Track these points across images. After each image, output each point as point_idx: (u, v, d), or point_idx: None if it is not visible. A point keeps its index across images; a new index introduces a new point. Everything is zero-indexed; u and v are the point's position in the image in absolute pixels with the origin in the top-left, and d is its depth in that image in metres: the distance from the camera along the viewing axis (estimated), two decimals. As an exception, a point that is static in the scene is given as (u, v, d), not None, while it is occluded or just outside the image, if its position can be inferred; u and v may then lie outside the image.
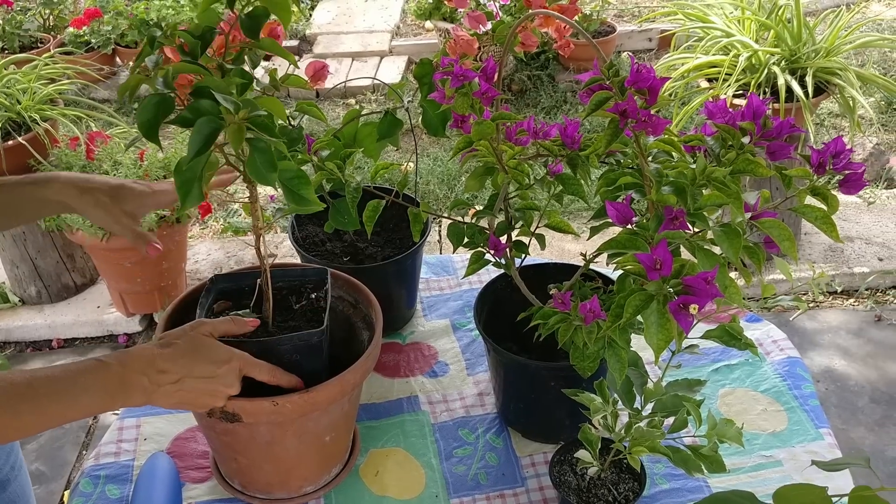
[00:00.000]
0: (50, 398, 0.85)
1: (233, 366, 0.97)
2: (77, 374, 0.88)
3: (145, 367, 0.92)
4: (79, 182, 1.08)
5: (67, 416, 0.88)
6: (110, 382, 0.89)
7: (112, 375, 0.90)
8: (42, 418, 0.86)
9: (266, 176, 0.79)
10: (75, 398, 0.87)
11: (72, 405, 0.87)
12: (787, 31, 2.73)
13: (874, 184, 3.46)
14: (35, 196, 1.08)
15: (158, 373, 0.92)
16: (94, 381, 0.89)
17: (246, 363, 0.99)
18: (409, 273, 1.46)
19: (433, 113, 1.21)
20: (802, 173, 0.90)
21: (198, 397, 0.96)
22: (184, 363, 0.94)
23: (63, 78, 2.99)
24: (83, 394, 0.87)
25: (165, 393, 0.93)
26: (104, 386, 0.89)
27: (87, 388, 0.88)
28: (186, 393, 0.94)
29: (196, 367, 0.94)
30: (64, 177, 1.08)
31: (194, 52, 0.82)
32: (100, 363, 0.90)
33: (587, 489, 1.07)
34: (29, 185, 1.08)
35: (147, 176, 2.62)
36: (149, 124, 0.80)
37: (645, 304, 0.78)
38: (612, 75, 0.79)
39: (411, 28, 5.12)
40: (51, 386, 0.86)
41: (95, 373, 0.89)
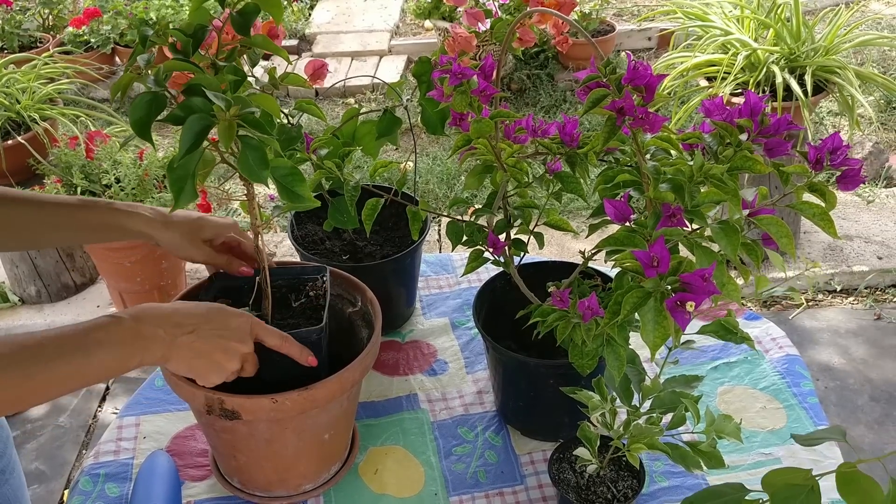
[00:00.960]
0: (63, 357, 0.82)
1: (244, 322, 0.97)
2: (89, 330, 0.85)
3: (160, 320, 0.91)
4: (160, 218, 1.11)
5: (83, 375, 0.85)
6: (126, 337, 0.87)
7: (126, 329, 0.88)
8: (56, 379, 0.82)
9: (258, 173, 0.79)
10: (89, 355, 0.84)
11: (86, 363, 0.84)
12: (787, 29, 2.73)
13: (873, 182, 3.46)
14: (116, 224, 1.09)
15: (174, 325, 0.91)
16: (107, 336, 0.86)
17: (256, 324, 0.99)
18: (409, 271, 1.46)
19: (432, 111, 1.21)
20: (800, 170, 0.90)
21: (214, 352, 0.94)
22: (198, 315, 0.94)
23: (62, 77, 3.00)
24: (97, 349, 0.84)
25: (181, 346, 0.92)
26: (120, 340, 0.87)
27: (101, 342, 0.85)
28: (203, 344, 0.93)
29: (210, 320, 0.94)
30: (147, 210, 1.10)
31: (186, 50, 0.82)
32: (113, 318, 0.88)
33: (586, 487, 1.07)
34: (113, 212, 1.09)
35: (147, 175, 2.63)
36: (141, 122, 0.80)
37: (642, 301, 0.78)
38: (609, 73, 0.79)
39: (411, 27, 5.11)
40: (62, 344, 0.83)
41: (108, 328, 0.87)
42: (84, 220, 1.09)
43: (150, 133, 0.82)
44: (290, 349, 1.01)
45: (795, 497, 0.79)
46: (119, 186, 2.59)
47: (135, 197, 2.61)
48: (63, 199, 1.09)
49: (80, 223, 1.09)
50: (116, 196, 2.59)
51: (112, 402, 2.66)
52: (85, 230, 1.12)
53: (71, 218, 1.08)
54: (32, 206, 1.07)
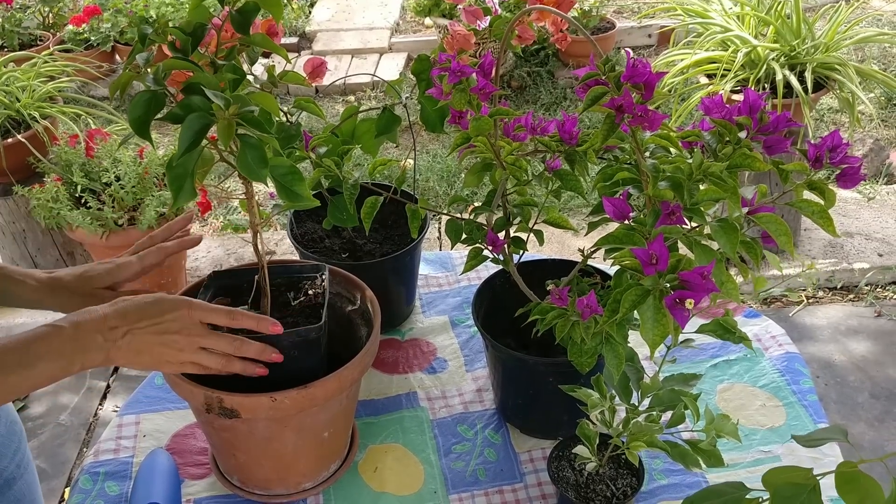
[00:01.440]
0: (6, 370, 0.85)
1: (181, 313, 0.95)
2: (30, 342, 0.88)
3: (98, 325, 0.91)
4: (47, 282, 1.09)
5: (27, 384, 0.88)
6: (65, 345, 0.89)
7: (66, 338, 0.89)
8: (2, 390, 0.86)
9: (257, 172, 0.79)
10: (31, 366, 0.87)
11: (29, 374, 0.87)
12: (787, 26, 2.72)
13: (874, 179, 3.46)
14: (9, 291, 1.09)
15: (110, 329, 0.92)
16: (48, 347, 0.88)
17: (196, 308, 0.96)
18: (408, 269, 1.46)
19: (431, 109, 1.21)
20: (800, 168, 0.90)
21: (153, 347, 0.94)
22: (132, 315, 0.94)
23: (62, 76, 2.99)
24: (38, 361, 0.87)
25: (120, 349, 0.93)
26: (59, 350, 0.89)
27: (41, 355, 0.88)
28: (140, 342, 0.93)
29: (144, 317, 0.94)
30: (35, 278, 1.09)
31: (186, 48, 0.82)
32: (52, 327, 0.90)
33: (585, 485, 1.07)
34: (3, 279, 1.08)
35: (147, 173, 2.63)
36: (140, 121, 0.80)
37: (641, 299, 0.78)
38: (609, 70, 0.79)
39: (411, 25, 5.11)
40: (4, 357, 0.86)
41: (48, 338, 0.89)
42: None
43: (149, 132, 0.82)
44: (244, 321, 0.98)
45: (797, 497, 0.79)
46: (119, 185, 2.59)
47: (135, 195, 2.61)
48: None
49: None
50: (117, 194, 2.59)
51: (113, 400, 2.66)
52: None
53: None
54: None
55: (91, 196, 2.61)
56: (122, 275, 1.12)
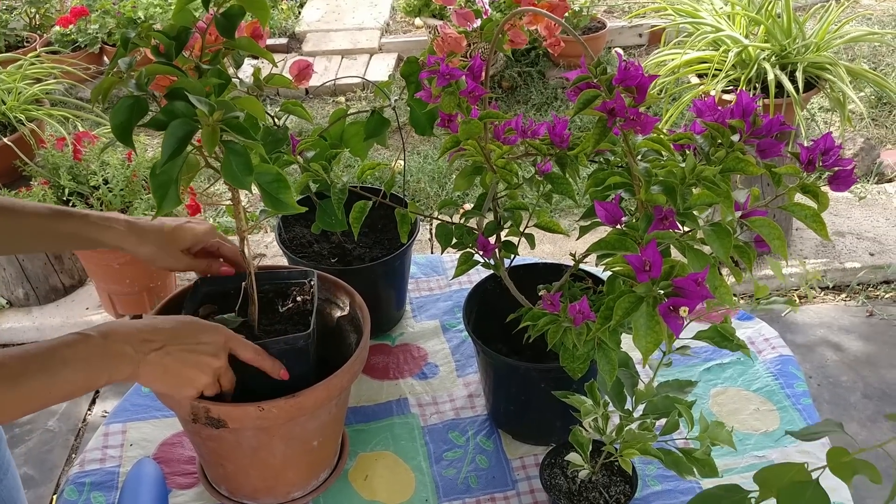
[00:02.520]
0: (28, 375, 0.81)
1: (217, 337, 0.96)
2: (56, 348, 0.84)
3: (128, 337, 0.90)
4: (136, 230, 1.09)
5: (50, 393, 0.83)
6: (93, 354, 0.86)
7: (94, 347, 0.87)
8: (22, 397, 0.81)
9: (241, 179, 0.77)
10: (55, 373, 0.83)
11: (52, 381, 0.83)
12: (777, 26, 2.72)
13: (865, 179, 3.46)
14: (90, 236, 1.08)
15: (142, 342, 0.90)
16: (74, 354, 0.85)
17: (231, 338, 0.97)
18: (398, 274, 1.44)
19: (420, 112, 1.20)
20: (792, 171, 0.89)
21: (183, 368, 0.93)
22: (168, 331, 0.93)
23: (49, 78, 2.97)
24: (62, 368, 0.83)
25: (150, 363, 0.91)
26: (87, 358, 0.86)
27: (66, 361, 0.84)
28: (172, 361, 0.92)
29: (181, 336, 0.93)
30: (122, 224, 1.09)
31: (169, 53, 0.80)
32: (80, 335, 0.87)
33: (578, 492, 1.06)
34: (88, 225, 1.07)
35: (135, 176, 2.60)
36: (122, 127, 0.79)
37: (634, 307, 0.77)
38: (600, 73, 0.77)
39: (401, 25, 5.09)
40: (28, 362, 0.82)
41: (76, 346, 0.85)
42: (58, 230, 1.07)
43: (131, 138, 0.80)
44: (263, 363, 1.00)
45: (802, 494, 0.78)
46: (107, 188, 2.56)
47: (123, 198, 2.59)
48: (38, 208, 1.07)
49: (54, 233, 1.08)
50: (105, 198, 2.57)
51: (102, 405, 2.64)
52: (59, 240, 1.11)
53: (45, 228, 1.07)
54: (6, 214, 1.05)
55: (79, 199, 2.59)
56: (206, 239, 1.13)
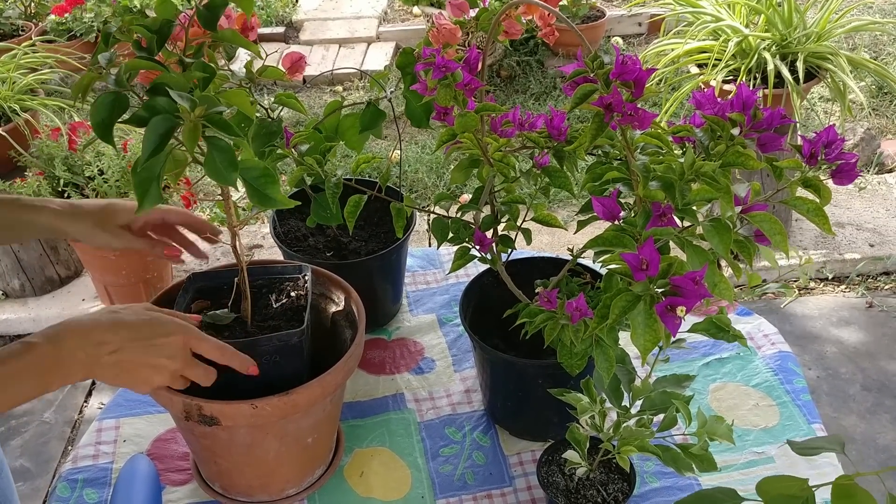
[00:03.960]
0: None
1: (176, 339, 0.92)
2: (2, 361, 0.82)
3: (81, 341, 0.87)
4: (69, 209, 1.08)
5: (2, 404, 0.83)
6: (42, 364, 0.84)
7: (43, 357, 0.84)
8: None
9: (225, 176, 0.75)
10: (3, 388, 0.81)
11: (2, 395, 0.82)
12: (778, 15, 2.69)
13: (865, 169, 3.44)
14: (24, 219, 1.07)
15: (96, 345, 0.88)
16: (22, 367, 0.83)
17: (192, 337, 0.94)
18: (395, 268, 1.43)
19: (416, 104, 1.18)
20: (794, 164, 0.87)
21: (138, 369, 0.91)
22: (124, 333, 0.89)
23: (44, 67, 2.94)
24: (11, 383, 0.82)
25: (104, 366, 0.89)
26: (36, 369, 0.84)
27: (13, 376, 0.82)
28: (126, 363, 0.90)
29: (136, 338, 0.90)
30: (56, 203, 1.07)
31: (151, 47, 0.78)
32: (25, 344, 0.84)
33: (576, 490, 1.05)
34: (19, 209, 1.06)
35: (130, 166, 2.58)
36: (103, 124, 0.77)
37: (631, 305, 0.76)
38: (597, 67, 0.75)
39: (399, 14, 5.05)
40: None
41: (22, 357, 0.83)
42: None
43: (111, 135, 0.79)
44: (231, 359, 0.96)
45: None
46: (103, 178, 2.54)
47: (119, 189, 2.57)
48: None
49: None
50: (100, 188, 2.55)
51: (98, 397, 2.63)
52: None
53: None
54: None
55: (74, 190, 2.57)
56: (143, 221, 1.11)
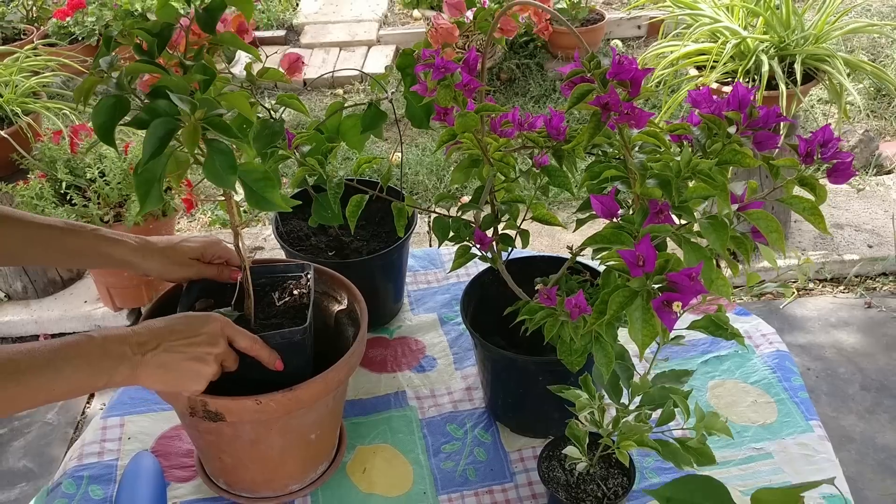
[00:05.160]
0: (33, 371, 0.85)
1: (213, 326, 0.97)
2: (60, 346, 0.88)
3: (124, 339, 0.92)
4: (142, 245, 1.12)
5: (53, 389, 0.87)
6: (94, 354, 0.90)
7: (95, 347, 0.90)
8: (26, 392, 0.85)
9: (225, 178, 0.77)
10: (59, 369, 0.87)
11: (55, 377, 0.87)
12: (776, 17, 2.71)
13: (864, 171, 3.45)
14: (101, 251, 1.10)
15: (138, 344, 0.92)
16: (76, 352, 0.89)
17: (227, 324, 0.99)
18: (396, 267, 1.44)
19: (416, 105, 1.19)
20: (790, 163, 0.88)
21: (183, 362, 0.94)
22: (162, 331, 0.95)
23: (46, 70, 2.95)
24: (65, 365, 0.87)
25: (148, 363, 0.93)
26: (87, 356, 0.89)
27: (69, 358, 0.88)
28: (170, 357, 0.94)
29: (174, 332, 0.95)
30: (132, 239, 1.12)
31: (152, 50, 0.80)
32: (83, 335, 0.91)
33: (576, 485, 1.06)
34: (99, 240, 1.10)
35: (132, 169, 2.59)
36: (104, 127, 0.78)
37: (629, 301, 0.77)
38: (594, 67, 0.77)
39: (399, 17, 5.07)
40: (33, 358, 0.86)
41: (77, 344, 0.89)
42: (70, 244, 1.10)
43: (113, 138, 0.80)
44: (260, 352, 1.01)
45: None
46: (104, 181, 2.56)
47: (120, 191, 2.58)
48: (50, 222, 1.09)
49: (66, 247, 1.10)
50: (102, 191, 2.56)
51: (100, 399, 2.64)
52: (70, 254, 1.12)
53: (57, 241, 1.09)
54: (20, 226, 1.08)
55: (76, 193, 2.58)
56: (210, 251, 1.15)
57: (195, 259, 1.14)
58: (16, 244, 1.08)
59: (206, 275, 1.14)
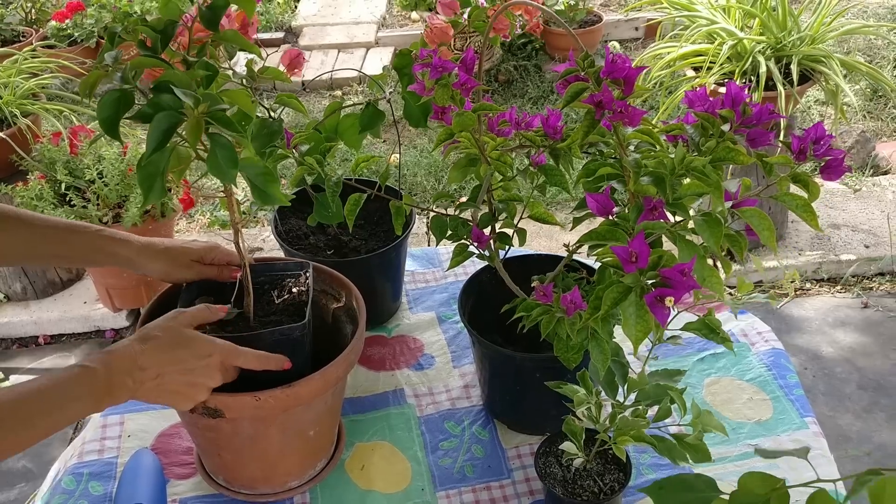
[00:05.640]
0: (42, 413, 0.86)
1: (214, 360, 0.97)
2: (65, 384, 0.88)
3: (129, 367, 0.92)
4: (147, 246, 1.13)
5: (59, 425, 0.88)
6: (97, 388, 0.90)
7: (99, 380, 0.90)
8: (35, 433, 0.86)
9: (226, 172, 0.78)
10: (64, 409, 0.87)
11: (62, 416, 0.88)
12: (772, 18, 2.72)
13: (860, 171, 3.47)
14: (106, 249, 1.11)
15: (140, 370, 0.93)
16: (82, 390, 0.89)
17: (229, 354, 0.99)
18: (394, 265, 1.45)
19: (414, 105, 1.20)
20: (783, 160, 0.90)
21: (179, 389, 0.96)
22: (164, 358, 0.95)
23: (45, 72, 2.96)
24: (73, 403, 0.88)
25: (148, 390, 0.94)
26: (91, 392, 0.90)
27: (77, 397, 0.88)
28: (168, 386, 0.95)
29: (176, 362, 0.95)
30: (137, 240, 1.12)
31: (156, 46, 0.81)
32: (86, 370, 0.90)
33: (573, 480, 1.07)
34: (104, 239, 1.10)
35: (130, 170, 2.60)
36: (109, 121, 0.79)
37: (623, 297, 0.78)
38: (588, 66, 0.78)
39: (397, 19, 5.09)
40: (41, 401, 0.86)
41: (82, 381, 0.89)
42: (73, 242, 1.10)
43: (118, 131, 0.81)
44: (268, 364, 1.01)
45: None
46: (102, 182, 2.57)
47: (119, 192, 2.59)
48: (54, 221, 1.10)
49: (69, 245, 1.10)
50: (101, 192, 2.57)
51: (100, 399, 2.64)
52: (73, 253, 1.12)
53: (62, 240, 1.10)
54: (23, 226, 1.08)
55: (76, 194, 2.59)
56: (211, 255, 1.15)
57: (196, 261, 1.14)
58: (21, 243, 1.09)
59: (206, 276, 1.14)
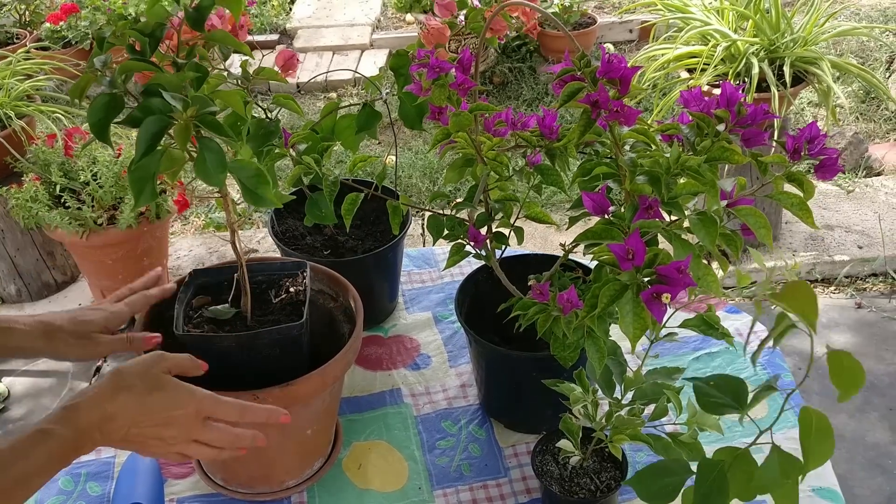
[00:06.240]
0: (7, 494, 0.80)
1: (189, 411, 0.90)
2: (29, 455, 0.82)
3: (98, 421, 0.86)
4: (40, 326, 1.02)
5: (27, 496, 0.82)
6: (65, 450, 0.84)
7: (65, 443, 0.84)
8: None
9: (214, 176, 0.77)
10: (32, 481, 0.82)
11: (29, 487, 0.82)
12: (766, 20, 2.74)
13: (854, 172, 3.48)
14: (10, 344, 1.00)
15: (109, 421, 0.87)
16: (45, 460, 0.83)
17: (208, 405, 0.91)
18: (391, 266, 1.46)
19: (410, 105, 1.21)
20: (778, 159, 0.90)
21: (147, 442, 0.90)
22: (136, 411, 0.88)
23: (40, 74, 2.96)
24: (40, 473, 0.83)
25: (117, 440, 0.89)
26: (59, 457, 0.84)
27: (41, 469, 0.83)
28: (136, 436, 0.89)
29: (150, 413, 0.89)
30: (22, 323, 1.01)
31: (145, 49, 0.81)
32: (45, 434, 0.83)
33: (569, 478, 1.07)
34: None
35: (125, 172, 2.60)
36: (99, 125, 0.79)
37: (619, 294, 0.79)
38: (584, 66, 0.79)
39: (392, 21, 5.09)
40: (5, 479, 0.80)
41: (44, 448, 0.83)
42: None
43: (108, 135, 0.81)
44: (256, 417, 0.94)
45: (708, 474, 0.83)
46: (97, 184, 2.56)
47: (113, 194, 2.59)
48: None
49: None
50: (95, 193, 2.57)
51: (95, 401, 2.64)
52: None
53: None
54: None
55: (71, 195, 2.59)
56: (115, 322, 1.07)
57: (101, 331, 1.05)
58: None
59: (116, 349, 1.06)
